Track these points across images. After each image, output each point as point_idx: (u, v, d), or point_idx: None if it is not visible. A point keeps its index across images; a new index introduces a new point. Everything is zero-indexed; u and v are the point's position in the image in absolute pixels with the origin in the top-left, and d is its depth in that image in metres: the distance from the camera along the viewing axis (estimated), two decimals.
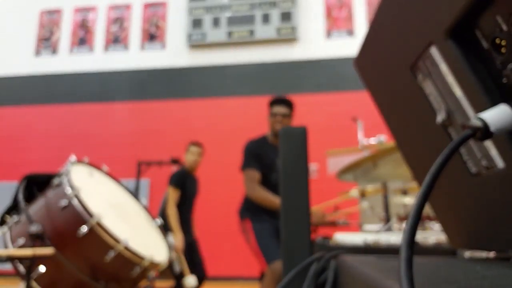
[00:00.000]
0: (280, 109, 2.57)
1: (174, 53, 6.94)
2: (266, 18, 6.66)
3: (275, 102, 2.62)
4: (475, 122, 0.30)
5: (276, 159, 2.47)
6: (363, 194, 2.65)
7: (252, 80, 6.65)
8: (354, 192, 2.64)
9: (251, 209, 2.49)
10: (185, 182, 3.43)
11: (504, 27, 0.31)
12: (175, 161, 3.69)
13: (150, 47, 7.03)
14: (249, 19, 6.70)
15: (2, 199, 2.95)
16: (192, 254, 3.38)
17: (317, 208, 2.55)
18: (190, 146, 3.60)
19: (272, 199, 2.36)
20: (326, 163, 5.61)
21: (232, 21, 6.73)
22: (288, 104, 2.62)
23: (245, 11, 6.74)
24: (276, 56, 6.63)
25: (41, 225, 1.69)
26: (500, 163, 0.36)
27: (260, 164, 2.48)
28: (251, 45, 6.74)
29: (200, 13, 6.83)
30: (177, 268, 2.90)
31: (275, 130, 2.53)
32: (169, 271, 3.01)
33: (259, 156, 2.50)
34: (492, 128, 0.30)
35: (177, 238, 3.21)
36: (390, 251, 0.80)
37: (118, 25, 7.19)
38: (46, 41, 7.26)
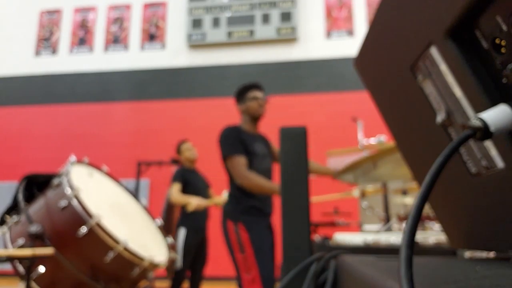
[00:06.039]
0: (260, 94, 2.49)
1: (174, 53, 6.94)
2: (266, 18, 6.66)
3: (255, 87, 2.52)
4: (475, 122, 0.30)
5: (255, 145, 2.35)
6: (363, 194, 2.65)
7: (252, 80, 6.64)
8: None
9: (242, 210, 2.26)
10: (185, 176, 3.43)
11: (504, 27, 0.31)
12: (175, 161, 3.69)
13: (150, 47, 7.03)
14: (249, 19, 6.70)
15: (2, 199, 2.95)
16: (200, 253, 3.36)
17: None
18: (180, 146, 3.63)
19: (269, 184, 2.18)
20: (326, 163, 5.62)
21: (232, 21, 6.73)
22: (263, 90, 2.55)
23: (245, 11, 6.74)
24: (276, 56, 6.63)
25: (41, 225, 1.69)
26: (500, 163, 0.36)
27: (244, 150, 2.30)
28: (251, 45, 6.73)
29: (200, 13, 6.83)
30: (178, 264, 2.89)
31: (259, 113, 2.42)
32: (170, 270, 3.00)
33: (242, 142, 2.32)
34: (492, 128, 0.30)
35: (192, 203, 3.12)
36: (390, 251, 0.80)
37: (118, 25, 7.19)
38: (46, 41, 7.26)
